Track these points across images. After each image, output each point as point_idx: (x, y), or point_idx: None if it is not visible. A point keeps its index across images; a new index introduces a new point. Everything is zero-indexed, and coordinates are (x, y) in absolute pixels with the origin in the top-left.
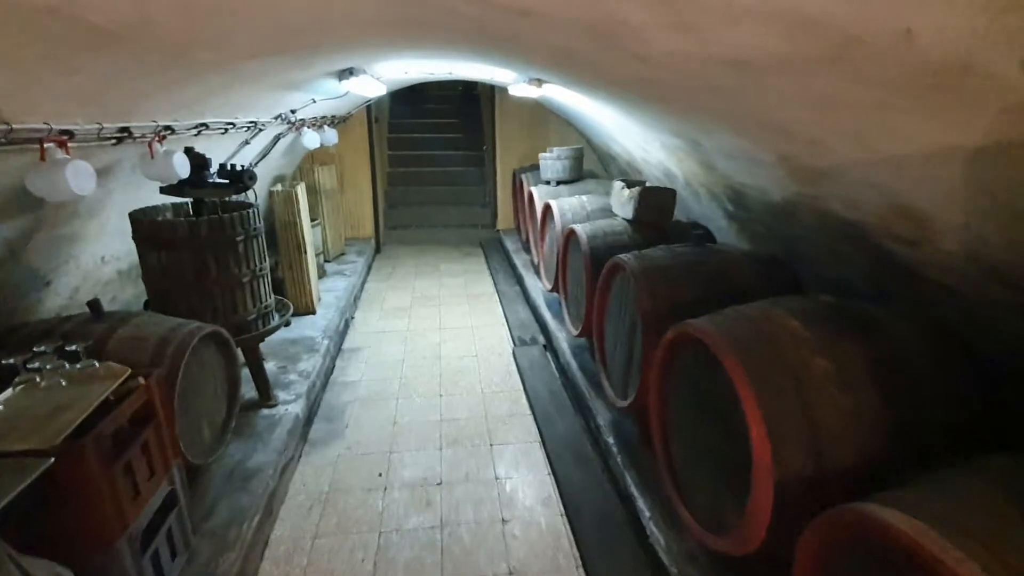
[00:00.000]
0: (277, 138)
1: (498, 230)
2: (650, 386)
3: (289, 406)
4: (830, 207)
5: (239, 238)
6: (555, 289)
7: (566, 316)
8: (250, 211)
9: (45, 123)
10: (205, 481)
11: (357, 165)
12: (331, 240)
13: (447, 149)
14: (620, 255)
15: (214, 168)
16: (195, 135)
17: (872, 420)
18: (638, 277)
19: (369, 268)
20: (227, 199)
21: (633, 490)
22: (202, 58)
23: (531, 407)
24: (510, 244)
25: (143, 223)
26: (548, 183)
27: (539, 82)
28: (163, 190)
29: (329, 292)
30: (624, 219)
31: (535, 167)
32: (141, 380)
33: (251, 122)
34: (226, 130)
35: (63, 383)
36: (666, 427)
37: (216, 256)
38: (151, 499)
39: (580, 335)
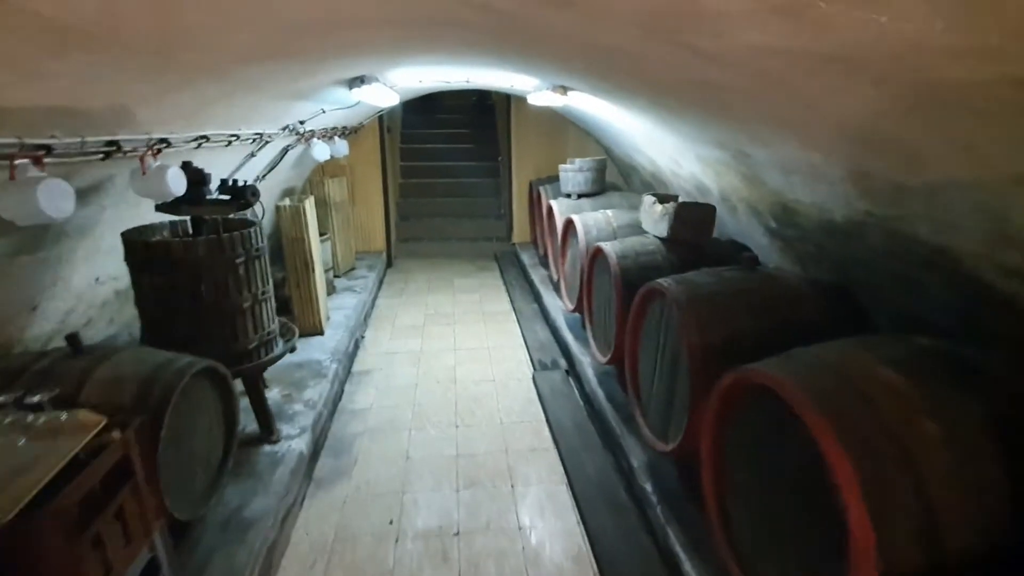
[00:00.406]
0: (285, 150)
1: (514, 243)
2: (701, 434)
3: (293, 441)
4: (911, 230)
5: (239, 260)
6: (578, 310)
7: (591, 340)
8: (252, 230)
9: (16, 137)
10: (197, 533)
11: (368, 177)
12: (341, 255)
13: (461, 160)
14: (658, 280)
15: (216, 183)
16: (195, 148)
17: (998, 499)
18: (682, 306)
19: (380, 283)
20: (229, 217)
21: (677, 549)
22: (189, 60)
23: (555, 441)
24: (527, 258)
25: (135, 244)
26: (568, 196)
27: (563, 90)
28: (159, 208)
29: (338, 310)
30: (656, 237)
31: (553, 179)
32: (117, 433)
33: (256, 134)
34: (229, 142)
35: (23, 440)
36: (721, 482)
37: (214, 279)
38: (127, 572)
39: (608, 363)
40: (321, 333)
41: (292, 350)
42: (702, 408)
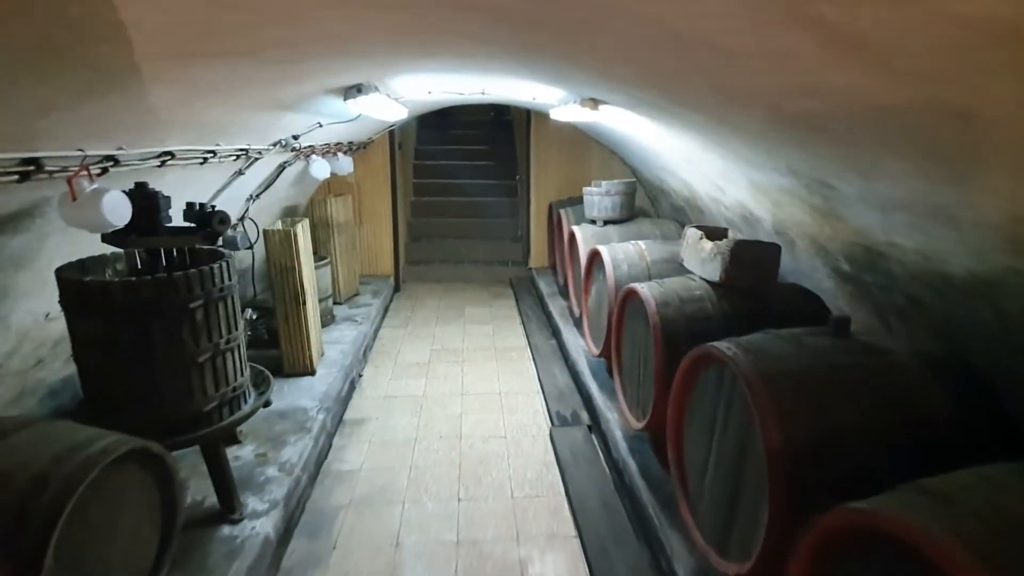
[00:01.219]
0: (282, 167)
1: (530, 268)
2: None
3: (259, 522)
4: None
5: (195, 303)
6: (604, 355)
7: (620, 396)
8: (216, 266)
9: None
10: None
11: (377, 195)
12: (343, 280)
13: (476, 178)
14: (715, 344)
15: (184, 208)
16: (158, 166)
17: None
18: (755, 386)
19: (385, 311)
20: (201, 248)
21: None
22: (104, 55)
23: (577, 525)
24: (544, 286)
25: (69, 283)
26: (593, 222)
27: (595, 103)
28: (105, 239)
29: (335, 345)
30: (704, 280)
31: (575, 201)
32: None
33: (240, 150)
34: (205, 159)
35: None
36: None
37: (164, 327)
38: None
39: (644, 430)
40: (312, 373)
41: (267, 404)
42: (786, 536)
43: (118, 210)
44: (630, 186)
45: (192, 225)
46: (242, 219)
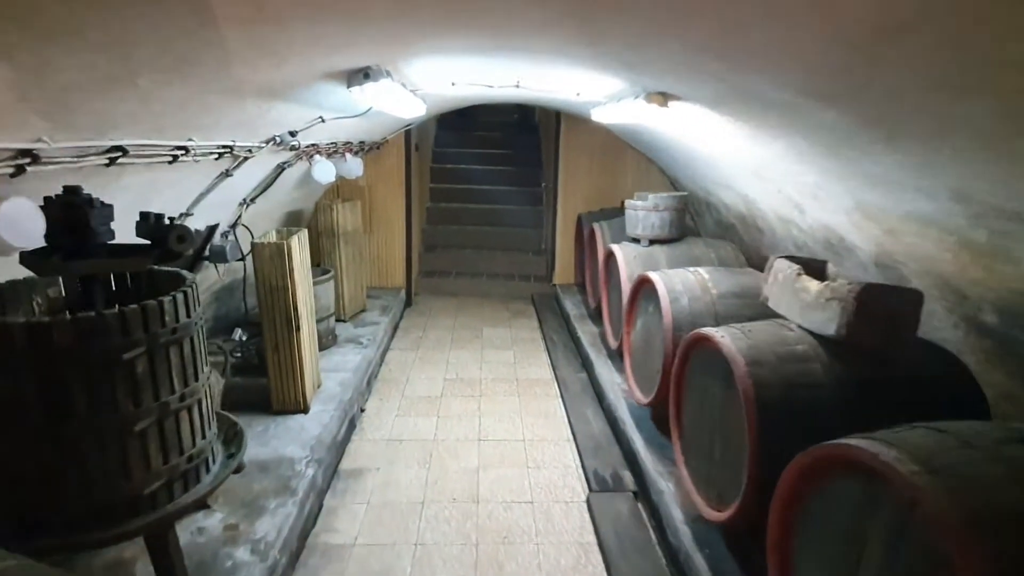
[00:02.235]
0: (281, 168)
1: (554, 284)
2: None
3: None
4: None
5: (134, 352)
6: (655, 403)
7: (683, 469)
8: (170, 300)
9: None
10: None
11: (390, 200)
12: (348, 296)
13: (498, 184)
14: (867, 444)
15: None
16: (104, 165)
17: None
18: (955, 531)
19: (395, 329)
20: (157, 271)
21: None
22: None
23: None
24: (571, 306)
25: None
26: (636, 241)
27: (664, 98)
28: (23, 261)
29: (334, 373)
30: (805, 329)
31: (609, 214)
32: None
33: (223, 147)
34: (175, 158)
35: None
36: None
37: (88, 384)
38: None
39: (724, 523)
40: (304, 410)
41: (238, 470)
42: None
43: (19, 225)
44: (681, 200)
45: (144, 243)
46: (234, 226)
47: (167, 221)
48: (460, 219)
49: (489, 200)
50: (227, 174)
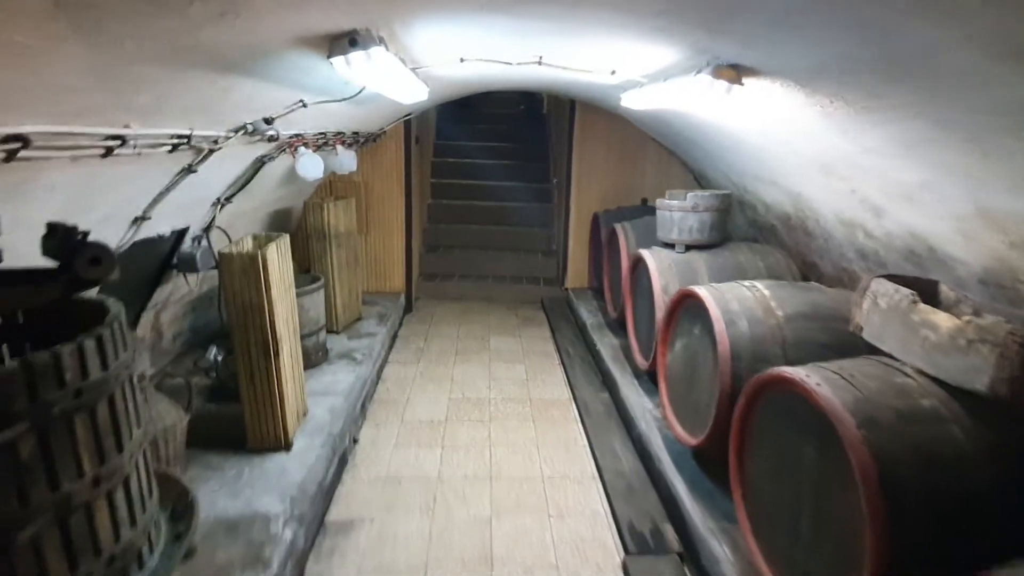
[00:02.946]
0: (261, 163)
1: (566, 288)
2: None
3: None
4: None
5: (11, 432)
6: (704, 446)
7: (752, 543)
8: (76, 349)
9: None
10: None
11: (387, 197)
12: (341, 305)
13: (504, 179)
14: None
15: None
16: (3, 160)
17: None
18: None
19: (394, 339)
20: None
21: None
22: None
23: None
24: (586, 313)
25: None
26: (670, 246)
27: (736, 74)
28: None
29: (323, 398)
30: (928, 375)
31: (629, 212)
32: None
33: (177, 137)
34: (108, 150)
35: None
36: None
37: None
38: None
39: None
40: (286, 448)
41: (188, 555)
42: None
43: None
44: (724, 200)
45: (50, 267)
46: (207, 230)
47: (78, 237)
48: (464, 217)
49: (494, 197)
50: (190, 170)
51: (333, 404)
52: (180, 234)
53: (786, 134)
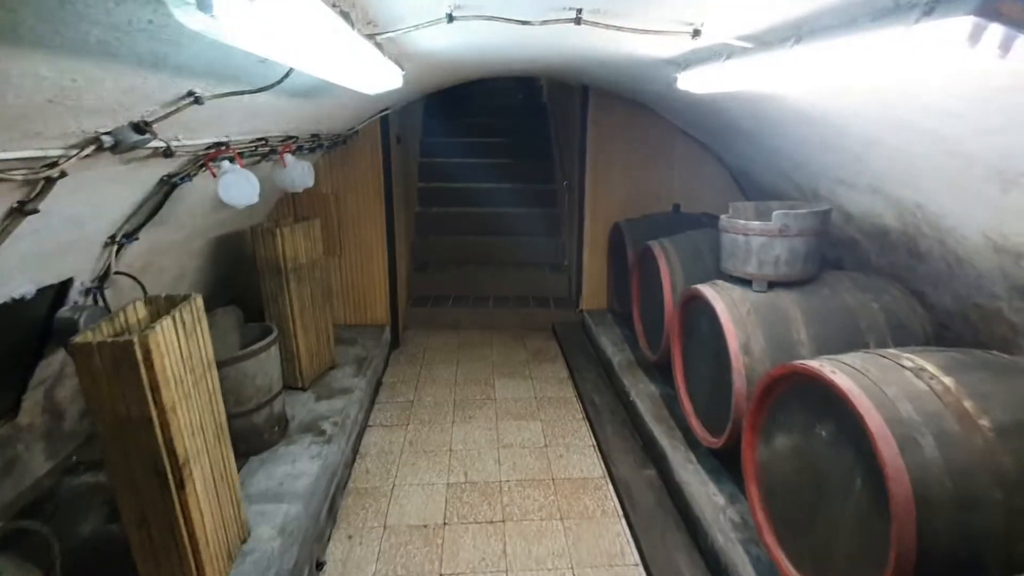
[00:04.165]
0: (169, 184)
1: (582, 310)
2: None
3: None
4: None
5: None
6: None
7: None
8: None
9: None
10: None
11: (364, 211)
12: (306, 357)
13: (503, 181)
14: None
15: None
16: None
17: None
18: None
19: (377, 389)
20: None
21: None
22: None
23: None
24: (609, 345)
25: None
26: (745, 282)
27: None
28: None
29: (273, 509)
30: None
31: (660, 223)
32: None
33: None
34: None
35: None
36: None
37: None
38: None
39: None
40: None
41: None
42: None
43: None
44: (824, 219)
45: None
46: (104, 279)
47: None
48: (457, 227)
49: (492, 202)
50: (23, 211)
51: (287, 517)
52: (62, 289)
53: (953, 126)
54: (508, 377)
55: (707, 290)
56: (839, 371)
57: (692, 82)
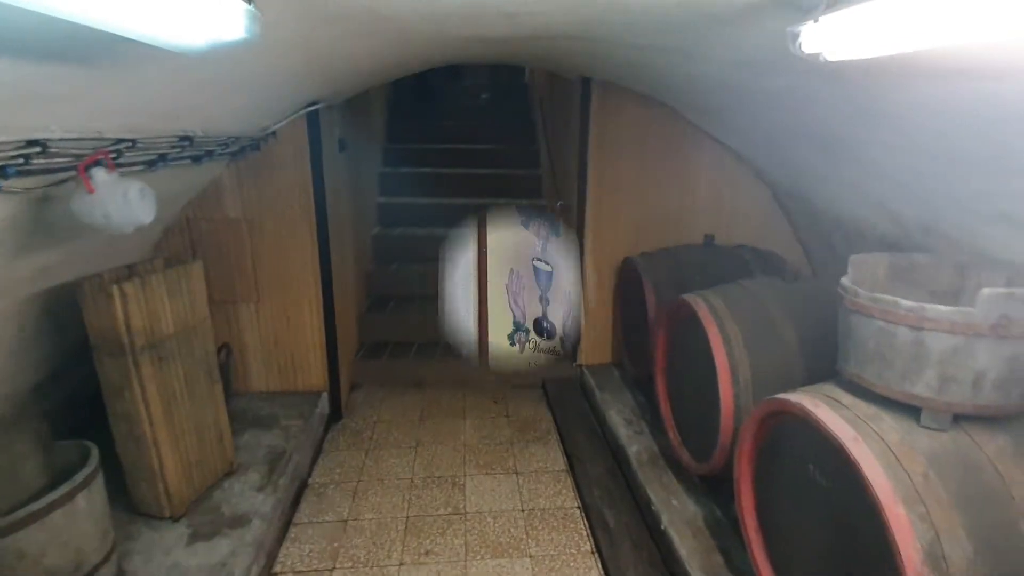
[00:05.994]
0: None
1: (579, 365)
2: None
3: None
4: None
5: None
6: None
7: None
8: None
9: None
10: None
11: (289, 242)
12: (179, 467)
13: (483, 196)
14: None
15: None
16: None
17: None
18: None
19: (297, 500)
20: None
21: None
22: None
23: None
24: (621, 422)
25: None
26: (904, 407)
27: None
28: None
29: None
30: None
31: (696, 262)
32: None
33: None
34: None
35: None
36: None
37: None
38: None
39: None
40: None
41: None
42: None
43: None
44: None
45: None
46: None
47: None
48: (424, 252)
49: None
50: None
51: None
52: None
53: None
54: (485, 471)
55: (837, 424)
56: None
57: (838, 37)
